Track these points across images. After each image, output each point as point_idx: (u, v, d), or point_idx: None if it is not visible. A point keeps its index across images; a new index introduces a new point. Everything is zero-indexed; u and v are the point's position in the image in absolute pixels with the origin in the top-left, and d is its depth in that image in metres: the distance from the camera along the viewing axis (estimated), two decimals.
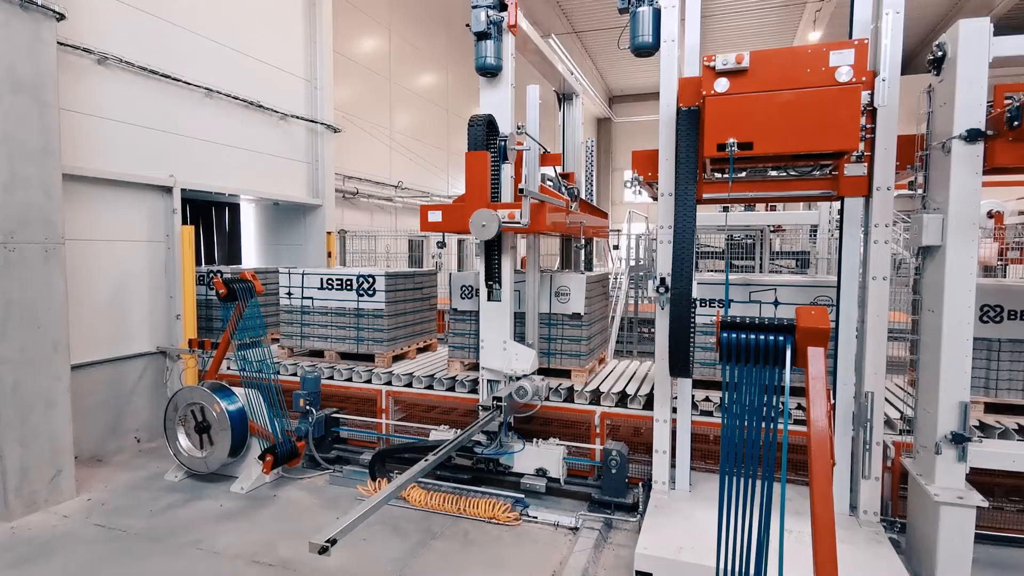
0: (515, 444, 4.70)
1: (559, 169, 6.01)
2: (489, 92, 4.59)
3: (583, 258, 6.72)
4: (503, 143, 4.41)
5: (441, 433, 5.03)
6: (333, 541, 2.68)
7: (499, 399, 4.47)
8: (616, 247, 12.93)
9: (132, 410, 5.98)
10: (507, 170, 4.39)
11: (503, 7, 4.42)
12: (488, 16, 4.34)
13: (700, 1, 3.88)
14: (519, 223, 4.14)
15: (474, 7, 4.36)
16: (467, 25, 4.41)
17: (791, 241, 11.89)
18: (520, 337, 4.98)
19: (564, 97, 6.43)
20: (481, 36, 4.38)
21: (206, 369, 5.43)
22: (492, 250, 4.58)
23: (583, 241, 6.59)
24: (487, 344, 4.70)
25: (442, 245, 5.34)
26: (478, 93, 6.57)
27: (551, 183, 5.09)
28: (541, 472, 4.65)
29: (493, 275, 4.61)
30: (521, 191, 4.09)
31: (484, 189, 4.32)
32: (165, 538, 4.12)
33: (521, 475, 4.70)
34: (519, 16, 4.51)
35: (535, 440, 4.75)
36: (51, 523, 4.32)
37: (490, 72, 4.49)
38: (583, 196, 5.99)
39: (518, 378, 4.54)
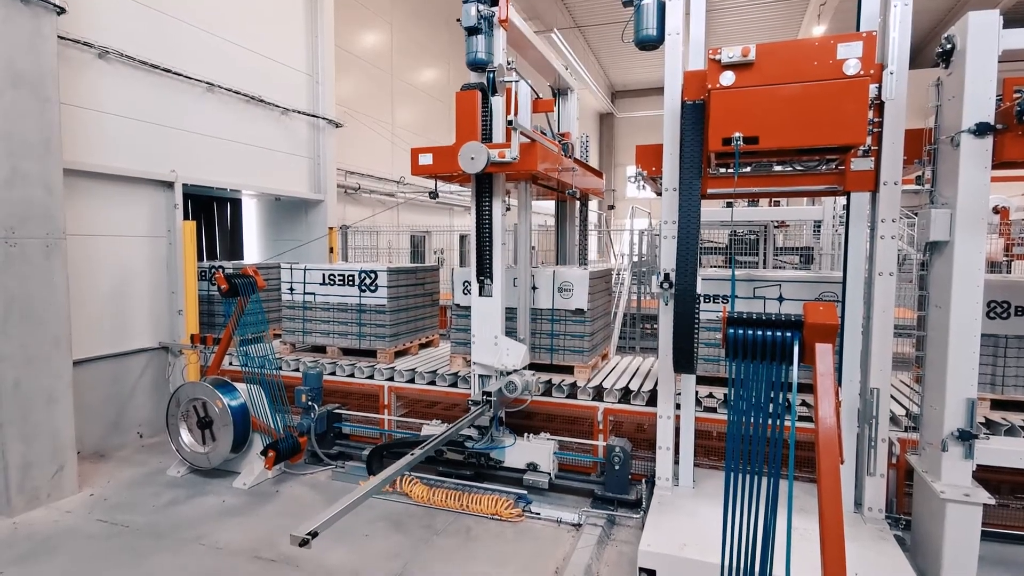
0: (506, 439, 4.73)
1: (557, 127, 6.11)
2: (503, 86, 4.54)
3: (578, 253, 6.69)
4: (491, 74, 4.37)
5: (433, 428, 5.03)
6: (314, 534, 2.73)
7: (489, 394, 4.50)
8: None
9: (134, 406, 5.98)
10: (498, 104, 4.34)
11: (494, 2, 4.39)
12: (478, 11, 4.31)
13: None
14: (508, 160, 4.13)
15: (465, 2, 4.34)
16: (457, 20, 4.38)
17: (795, 237, 11.85)
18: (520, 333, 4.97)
19: (559, 92, 6.44)
20: (472, 31, 4.36)
21: (208, 365, 5.42)
22: (483, 206, 4.50)
23: (579, 210, 6.58)
24: (478, 339, 4.72)
25: (435, 196, 5.34)
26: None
27: (546, 134, 5.12)
28: (531, 467, 4.67)
29: (484, 270, 4.62)
30: (510, 122, 4.09)
31: (474, 126, 4.36)
32: (167, 534, 4.11)
33: (511, 469, 4.72)
34: (510, 11, 4.48)
35: (526, 435, 4.77)
36: (53, 519, 4.32)
37: (481, 67, 4.46)
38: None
39: (509, 373, 4.55)
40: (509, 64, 4.40)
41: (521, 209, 5.07)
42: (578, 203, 6.53)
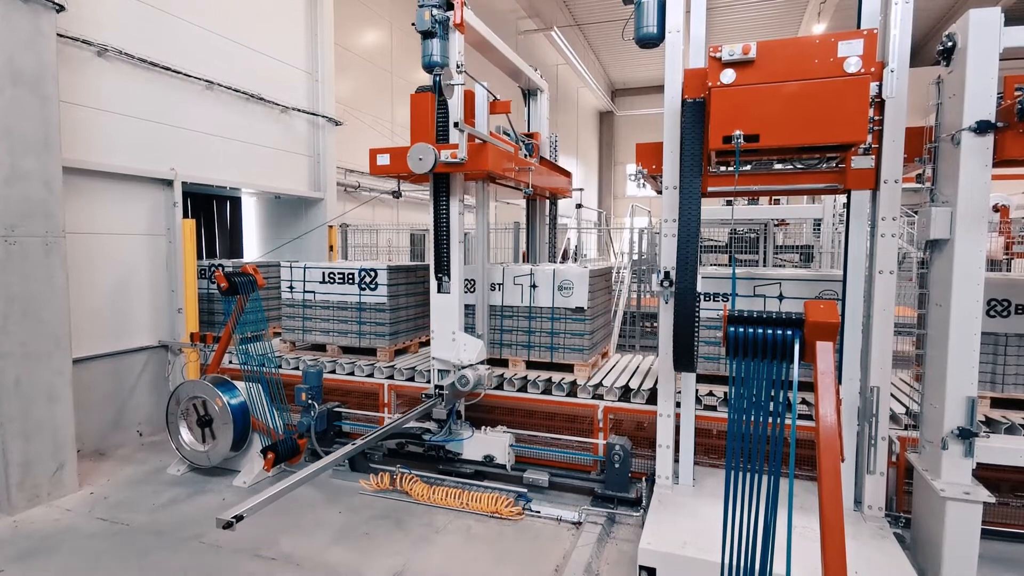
0: (464, 431, 4.80)
1: (527, 128, 6.31)
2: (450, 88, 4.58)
3: (548, 252, 6.75)
4: (438, 78, 4.40)
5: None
6: (239, 518, 2.95)
7: (441, 387, 4.60)
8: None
9: (134, 404, 5.98)
10: (453, 106, 4.39)
11: (450, 6, 4.40)
12: (432, 15, 4.31)
13: None
14: (457, 160, 4.24)
15: (420, 6, 4.34)
16: (412, 24, 4.38)
17: (794, 235, 11.85)
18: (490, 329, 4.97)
19: (529, 93, 6.53)
20: (426, 35, 4.36)
21: (208, 363, 5.41)
22: (440, 206, 4.61)
23: (548, 209, 6.67)
24: (437, 335, 4.78)
25: (398, 196, 5.41)
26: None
27: (509, 135, 5.23)
28: (488, 459, 4.73)
29: (442, 267, 4.69)
30: (455, 124, 4.20)
31: (427, 127, 4.47)
32: (167, 532, 4.11)
33: (469, 462, 4.82)
34: (467, 14, 4.50)
35: (484, 428, 4.86)
36: (53, 517, 4.32)
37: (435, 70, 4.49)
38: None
39: (465, 367, 4.63)
40: (459, 68, 4.41)
41: (479, 208, 5.16)
42: (547, 202, 6.66)
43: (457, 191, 4.62)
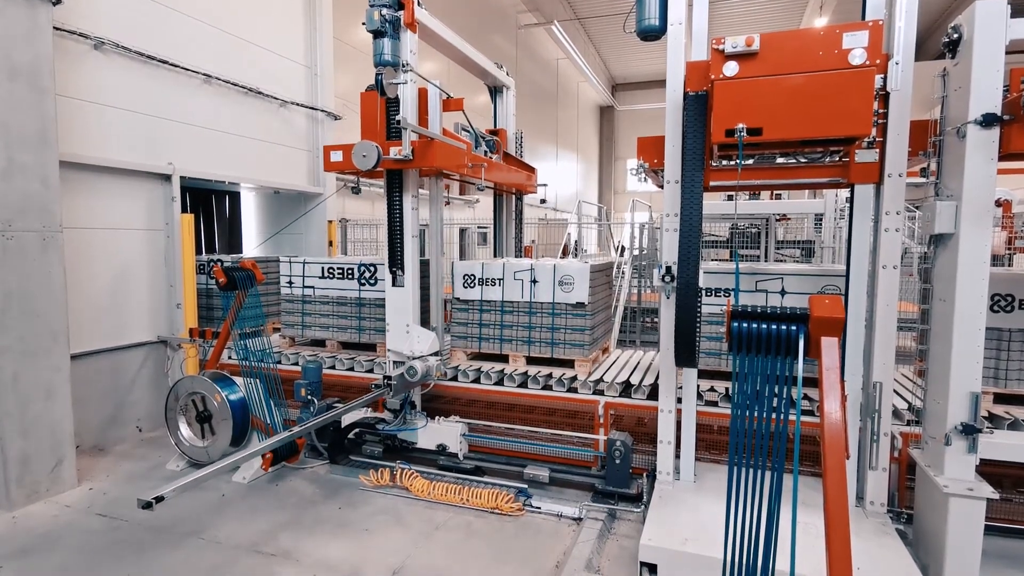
0: (418, 421, 4.89)
1: (494, 124, 6.43)
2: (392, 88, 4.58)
3: (515, 245, 6.75)
4: (379, 77, 4.42)
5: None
6: (160, 499, 3.08)
7: (389, 378, 4.67)
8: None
9: (133, 400, 5.96)
10: (406, 103, 4.42)
11: (400, 6, 4.39)
12: (383, 15, 4.27)
13: None
14: (402, 157, 4.34)
15: (370, 5, 4.32)
16: (363, 23, 4.35)
17: (795, 230, 11.81)
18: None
19: (495, 90, 6.51)
20: (377, 34, 4.34)
21: (207, 358, 5.39)
22: (394, 201, 4.76)
23: (515, 204, 6.70)
24: (392, 327, 4.91)
25: (357, 191, 5.44)
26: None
27: (467, 133, 5.30)
28: (441, 448, 4.80)
29: (396, 261, 4.79)
30: (397, 122, 4.29)
31: (374, 125, 4.59)
32: (166, 528, 4.10)
33: (424, 451, 4.91)
34: (420, 13, 4.49)
35: (437, 418, 4.94)
36: (52, 513, 4.31)
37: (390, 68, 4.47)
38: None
39: (416, 358, 4.74)
40: (405, 67, 4.39)
41: (432, 203, 5.19)
42: (513, 198, 6.69)
43: (410, 187, 4.70)
